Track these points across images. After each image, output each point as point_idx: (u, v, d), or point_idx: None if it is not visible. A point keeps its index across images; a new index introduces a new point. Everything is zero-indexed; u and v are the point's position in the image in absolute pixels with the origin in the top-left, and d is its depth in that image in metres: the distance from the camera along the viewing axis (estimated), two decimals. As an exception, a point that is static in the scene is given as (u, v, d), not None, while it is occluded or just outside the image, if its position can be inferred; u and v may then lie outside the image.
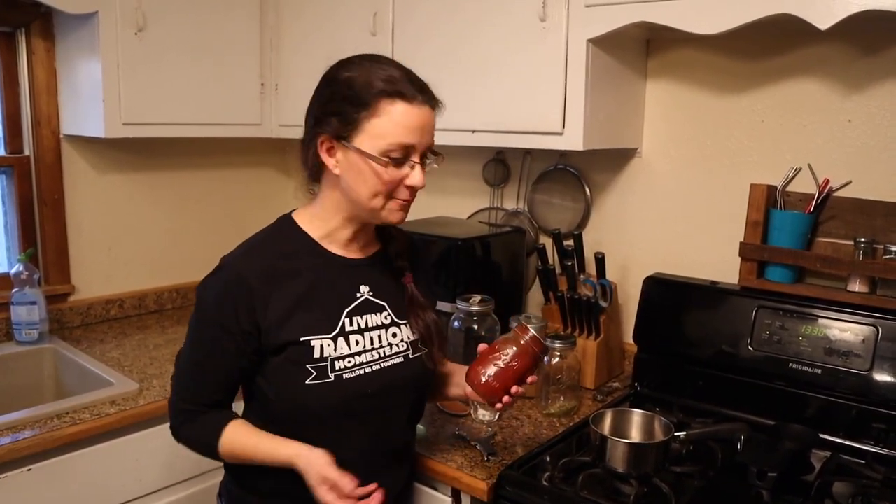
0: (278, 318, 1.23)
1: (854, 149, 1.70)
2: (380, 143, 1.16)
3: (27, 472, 1.60)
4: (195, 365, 1.30)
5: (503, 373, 1.30)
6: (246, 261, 1.26)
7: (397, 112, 1.16)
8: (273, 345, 1.23)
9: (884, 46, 1.64)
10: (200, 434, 1.30)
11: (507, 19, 1.83)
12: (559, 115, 1.77)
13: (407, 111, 1.16)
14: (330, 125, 1.20)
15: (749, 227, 1.78)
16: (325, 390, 1.23)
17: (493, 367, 1.30)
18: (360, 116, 1.17)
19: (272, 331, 1.23)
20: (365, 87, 1.16)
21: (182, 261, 2.64)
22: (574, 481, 1.42)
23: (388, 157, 1.17)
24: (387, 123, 1.16)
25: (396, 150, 1.17)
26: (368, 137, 1.17)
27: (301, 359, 1.23)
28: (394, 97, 1.16)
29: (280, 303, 1.23)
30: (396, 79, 1.17)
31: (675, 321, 1.84)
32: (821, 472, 1.50)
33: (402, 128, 1.16)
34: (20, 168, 2.25)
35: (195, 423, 1.30)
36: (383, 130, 1.16)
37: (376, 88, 1.16)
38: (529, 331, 1.31)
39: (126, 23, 2.06)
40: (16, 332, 2.13)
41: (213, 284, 1.28)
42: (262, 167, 2.85)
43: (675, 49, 1.93)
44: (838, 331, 1.62)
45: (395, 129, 1.16)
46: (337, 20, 2.23)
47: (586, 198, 2.13)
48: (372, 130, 1.16)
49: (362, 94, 1.16)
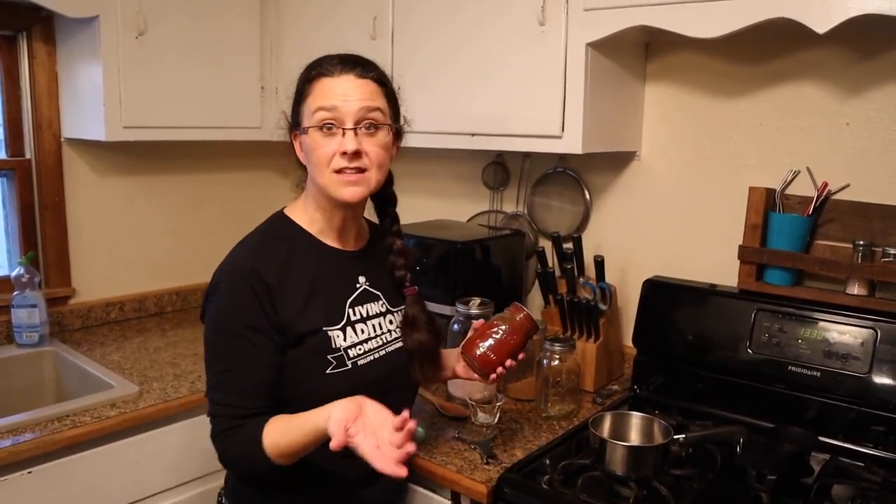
0: (296, 310, 1.25)
1: (852, 152, 1.71)
2: (311, 117, 1.26)
3: (27, 474, 1.60)
4: (230, 376, 1.24)
5: (499, 346, 1.40)
6: (256, 257, 1.26)
7: (322, 86, 1.27)
8: (293, 338, 1.25)
9: (881, 50, 1.65)
10: (244, 446, 1.22)
11: (507, 23, 1.83)
12: (558, 119, 1.77)
13: (327, 82, 1.26)
14: (291, 120, 1.34)
15: (748, 229, 1.78)
16: (345, 378, 1.27)
17: (490, 340, 1.40)
18: (301, 105, 1.29)
19: (291, 324, 1.25)
20: (301, 78, 1.31)
21: (182, 263, 2.64)
22: (573, 484, 1.42)
23: (319, 127, 1.25)
24: (313, 98, 1.27)
25: (324, 117, 1.25)
26: (307, 119, 1.28)
27: (321, 349, 1.27)
28: (317, 76, 1.28)
29: (294, 295, 1.26)
30: (320, 61, 1.29)
31: (674, 324, 1.84)
32: (820, 474, 1.50)
33: (323, 95, 1.26)
34: (21, 171, 2.26)
35: (236, 438, 1.23)
36: (311, 104, 1.27)
37: (307, 76, 1.30)
38: (523, 310, 1.42)
39: (127, 26, 2.07)
40: (16, 335, 2.13)
41: (228, 287, 1.25)
42: (262, 170, 2.86)
43: (674, 52, 1.94)
44: (837, 333, 1.62)
45: (318, 99, 1.26)
46: (337, 23, 2.23)
47: (585, 201, 2.13)
48: (306, 110, 1.28)
49: (300, 84, 1.31)
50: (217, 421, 1.25)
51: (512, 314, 1.42)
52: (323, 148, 1.25)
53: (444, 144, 2.00)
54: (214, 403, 1.26)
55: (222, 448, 1.25)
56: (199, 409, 1.89)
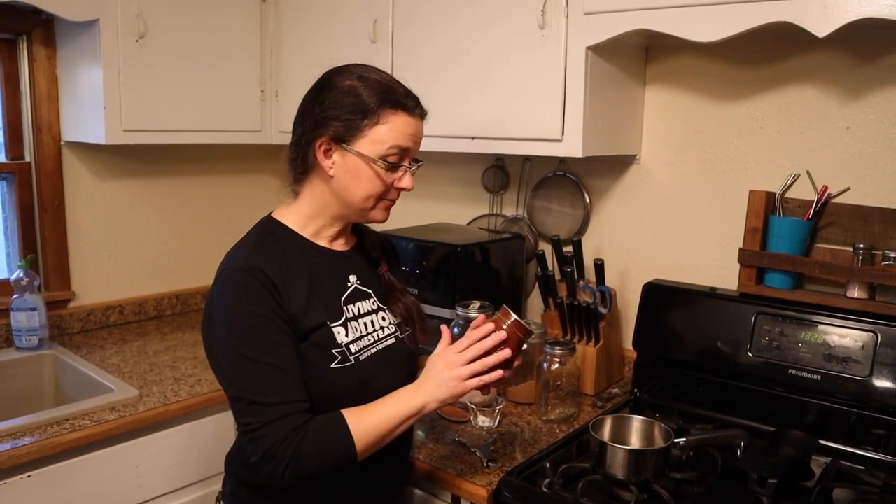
0: (301, 306, 1.25)
1: (852, 155, 1.71)
2: (380, 147, 1.25)
3: (27, 478, 1.59)
4: (276, 372, 1.19)
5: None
6: (258, 258, 1.26)
7: (400, 122, 1.26)
8: (300, 332, 1.25)
9: (881, 54, 1.65)
10: (325, 444, 1.18)
11: (507, 26, 1.83)
12: (558, 122, 1.77)
13: (407, 121, 1.27)
14: (330, 128, 1.26)
15: (748, 233, 1.78)
16: (348, 373, 1.27)
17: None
18: (363, 123, 1.25)
19: (298, 319, 1.25)
20: (371, 96, 1.25)
21: (182, 267, 2.64)
22: (574, 488, 1.42)
23: (385, 161, 1.26)
24: (389, 131, 1.25)
25: (394, 154, 1.27)
26: (369, 142, 1.25)
27: (326, 344, 1.27)
28: (397, 108, 1.26)
29: (298, 293, 1.26)
30: (399, 92, 1.27)
31: (674, 327, 1.84)
32: (821, 478, 1.50)
33: (402, 135, 1.27)
34: (21, 174, 2.26)
35: (308, 441, 1.16)
36: (384, 137, 1.25)
37: (382, 99, 1.25)
38: (511, 316, 1.30)
39: (127, 30, 2.07)
40: (16, 339, 2.13)
41: (238, 288, 1.22)
42: (262, 174, 2.86)
43: (674, 56, 1.94)
44: (837, 337, 1.62)
45: (396, 136, 1.26)
46: (337, 27, 2.23)
47: (585, 204, 2.14)
48: (373, 136, 1.25)
49: (368, 102, 1.25)
50: (281, 424, 1.16)
51: (499, 322, 1.30)
52: (384, 178, 1.27)
53: (445, 148, 2.00)
54: (271, 406, 1.17)
55: (293, 449, 1.15)
56: (199, 412, 1.89)
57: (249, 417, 1.18)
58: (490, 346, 1.26)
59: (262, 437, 1.16)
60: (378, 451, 1.28)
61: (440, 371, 1.26)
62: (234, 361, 1.20)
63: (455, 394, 1.25)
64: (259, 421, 1.17)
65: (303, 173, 1.32)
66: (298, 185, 1.35)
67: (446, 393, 1.25)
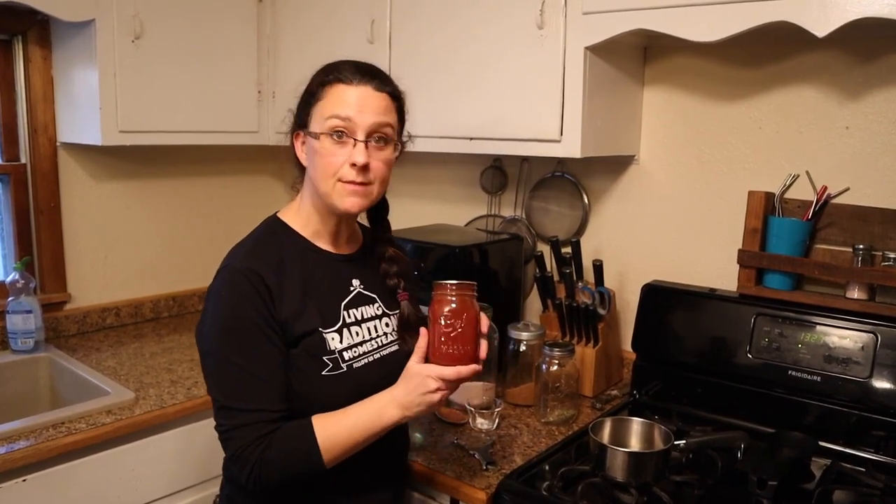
0: (293, 311, 1.25)
1: (851, 156, 1.71)
2: (323, 123, 1.25)
3: (22, 482, 1.58)
4: (252, 379, 1.19)
5: (461, 337, 1.22)
6: (254, 259, 1.25)
7: (335, 92, 1.26)
8: (290, 339, 1.24)
9: (881, 54, 1.64)
10: (289, 444, 1.19)
11: (505, 27, 1.83)
12: (557, 123, 1.76)
13: (343, 89, 1.26)
14: (297, 120, 1.32)
15: (747, 234, 1.78)
16: (340, 381, 1.26)
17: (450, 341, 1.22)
18: (311, 103, 1.28)
19: (289, 324, 1.24)
20: (315, 78, 1.30)
21: (179, 269, 2.63)
22: (573, 490, 1.41)
23: (330, 134, 1.25)
24: (327, 103, 1.26)
25: (336, 125, 1.24)
26: (316, 121, 1.27)
27: (317, 350, 1.26)
28: (333, 82, 1.27)
29: (291, 297, 1.25)
30: (338, 66, 1.29)
31: (673, 329, 1.83)
32: (821, 480, 1.50)
33: (338, 104, 1.25)
34: (16, 176, 2.24)
35: (273, 448, 1.18)
36: (324, 110, 1.26)
37: (322, 79, 1.28)
38: (447, 284, 1.25)
39: (123, 31, 2.06)
40: (11, 341, 2.12)
41: (231, 289, 1.22)
42: (259, 174, 2.85)
43: (673, 56, 1.94)
44: (837, 338, 1.62)
45: (332, 107, 1.25)
46: (334, 28, 2.23)
47: (584, 205, 2.13)
48: (317, 113, 1.27)
49: (313, 86, 1.30)
50: (246, 431, 1.18)
51: (442, 297, 1.24)
52: (332, 156, 1.24)
53: (443, 149, 1.99)
54: (239, 412, 1.19)
55: (256, 456, 1.17)
56: (196, 415, 1.88)
57: (220, 419, 1.22)
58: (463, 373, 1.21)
59: (228, 440, 1.20)
60: (374, 454, 1.28)
61: (411, 377, 1.23)
62: (216, 362, 1.23)
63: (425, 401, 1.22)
64: (228, 424, 1.20)
65: (299, 171, 1.35)
66: (299, 184, 1.37)
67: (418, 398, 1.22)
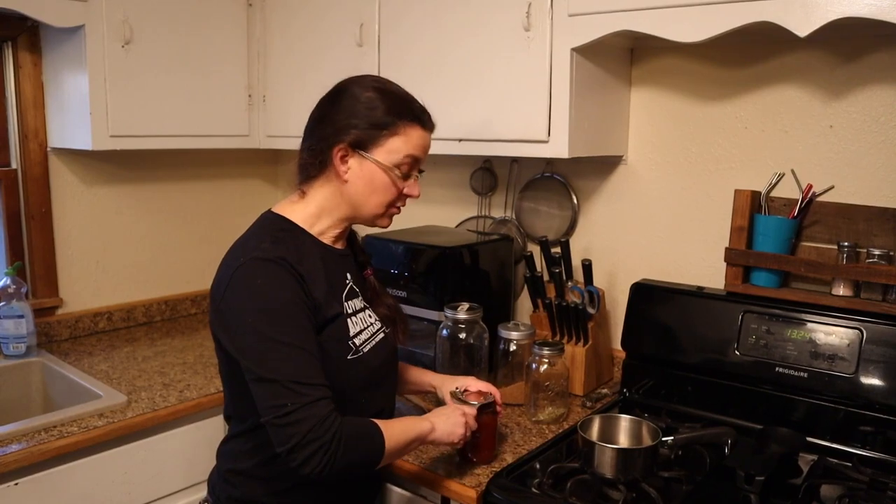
0: (322, 296, 1.29)
1: (836, 154, 1.72)
2: (395, 157, 1.33)
3: (14, 486, 1.59)
4: (306, 357, 1.20)
5: (488, 437, 1.55)
6: (281, 248, 1.27)
7: (415, 134, 1.35)
8: (320, 322, 1.28)
9: (863, 53, 1.66)
10: (358, 435, 1.22)
11: (493, 29, 1.84)
12: (544, 124, 1.78)
13: (421, 135, 1.37)
14: (349, 136, 1.32)
15: (734, 232, 1.79)
16: (361, 364, 1.34)
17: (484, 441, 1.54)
18: (382, 133, 1.32)
19: (320, 308, 1.28)
20: (391, 109, 1.33)
21: (170, 273, 2.63)
22: (563, 487, 1.42)
23: (399, 170, 1.34)
24: (405, 143, 1.34)
25: (406, 164, 1.35)
26: (385, 152, 1.33)
27: (343, 335, 1.32)
28: (414, 122, 1.35)
29: (316, 284, 1.29)
30: (418, 109, 1.37)
31: (662, 327, 1.85)
32: (808, 475, 1.51)
33: (416, 147, 1.36)
34: (7, 181, 2.25)
35: (346, 426, 1.19)
36: (400, 147, 1.33)
37: (401, 112, 1.34)
38: (474, 405, 1.49)
39: (113, 36, 2.06)
40: (3, 346, 2.12)
41: (267, 277, 1.23)
42: (250, 178, 2.86)
43: (659, 57, 1.95)
44: (823, 334, 1.63)
45: (411, 148, 1.35)
46: (323, 31, 2.24)
47: (573, 205, 2.14)
48: (389, 146, 1.33)
49: (388, 114, 1.33)
50: (320, 406, 1.17)
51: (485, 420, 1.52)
52: (395, 187, 1.35)
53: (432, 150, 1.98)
54: (311, 387, 1.18)
55: (334, 431, 1.17)
56: (188, 418, 1.88)
57: (284, 400, 1.16)
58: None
59: (298, 420, 1.15)
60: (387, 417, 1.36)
61: (451, 413, 1.44)
62: (266, 345, 1.19)
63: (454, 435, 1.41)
64: (297, 402, 1.16)
65: (314, 176, 1.36)
66: (307, 185, 1.37)
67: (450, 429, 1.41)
